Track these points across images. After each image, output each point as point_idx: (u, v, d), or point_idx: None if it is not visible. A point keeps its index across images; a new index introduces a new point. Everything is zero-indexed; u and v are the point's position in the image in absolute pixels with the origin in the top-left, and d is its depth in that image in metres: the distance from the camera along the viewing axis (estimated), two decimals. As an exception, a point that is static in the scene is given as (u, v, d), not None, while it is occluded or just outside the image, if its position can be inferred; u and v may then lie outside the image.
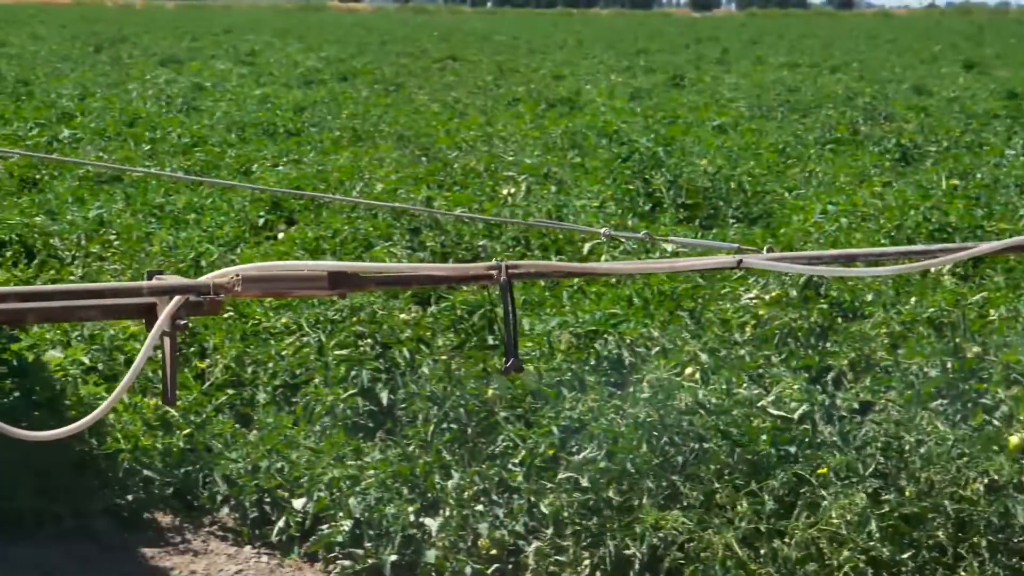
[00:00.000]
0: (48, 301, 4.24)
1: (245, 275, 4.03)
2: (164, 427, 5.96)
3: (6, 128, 15.70)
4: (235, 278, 4.03)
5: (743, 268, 4.49)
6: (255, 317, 7.23)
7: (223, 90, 22.10)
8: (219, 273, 4.03)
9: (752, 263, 4.32)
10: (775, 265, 4.53)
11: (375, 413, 6.23)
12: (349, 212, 9.83)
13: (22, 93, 20.70)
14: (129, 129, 15.80)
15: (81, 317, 4.63)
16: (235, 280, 4.03)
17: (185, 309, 3.97)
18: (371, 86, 24.38)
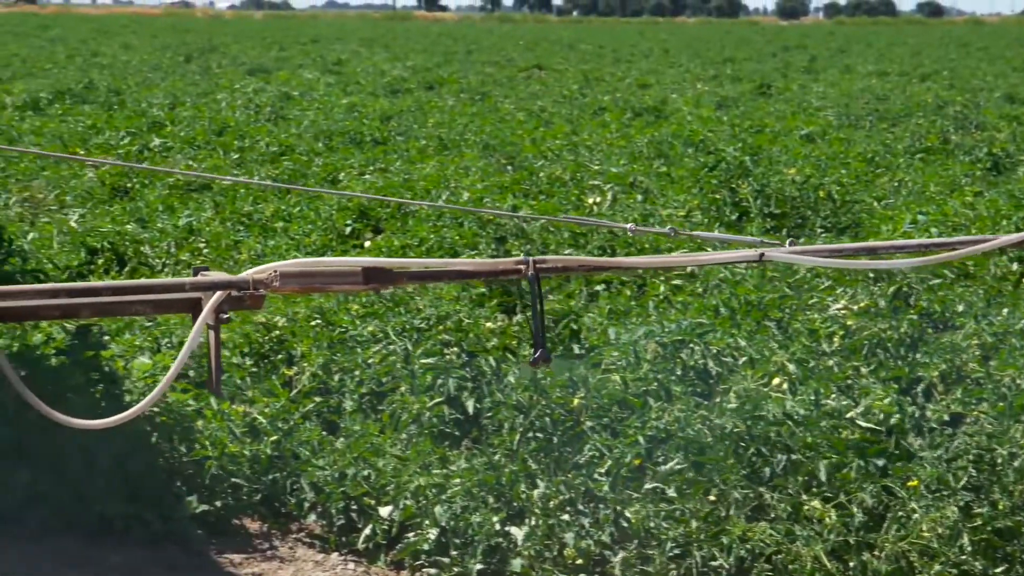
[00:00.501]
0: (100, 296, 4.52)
1: (283, 271, 4.17)
2: (252, 434, 6.00)
3: (98, 137, 15.92)
4: (273, 274, 4.18)
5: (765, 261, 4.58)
6: (342, 325, 7.26)
7: (310, 99, 22.26)
8: (258, 269, 4.18)
9: (774, 256, 4.40)
10: (796, 258, 4.61)
11: (461, 421, 6.24)
12: (435, 220, 9.86)
13: (114, 102, 20.97)
14: (218, 138, 15.96)
15: (132, 312, 4.76)
16: (273, 276, 4.18)
17: (228, 303, 4.16)
18: (457, 95, 24.46)
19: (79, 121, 17.55)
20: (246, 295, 4.20)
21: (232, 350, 6.95)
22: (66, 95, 21.52)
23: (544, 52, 46.29)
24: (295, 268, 4.25)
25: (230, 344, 7.00)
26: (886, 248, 4.78)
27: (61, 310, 4.60)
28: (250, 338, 7.15)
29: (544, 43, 55.87)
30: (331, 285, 4.54)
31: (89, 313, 4.87)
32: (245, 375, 6.66)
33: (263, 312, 7.47)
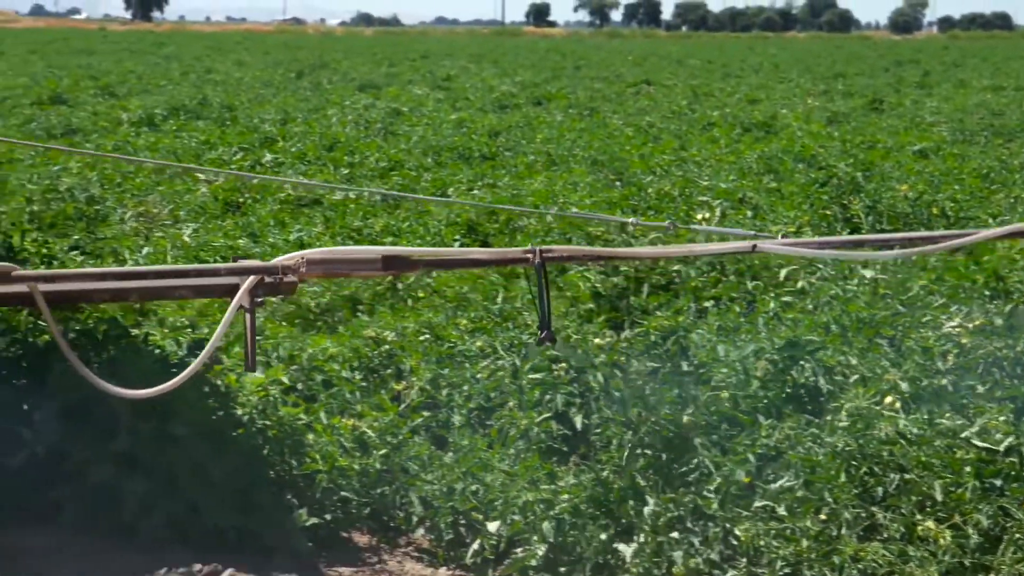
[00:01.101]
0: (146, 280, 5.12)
1: (309, 258, 4.59)
2: (361, 448, 6.03)
3: (212, 152, 16.14)
4: (300, 260, 4.58)
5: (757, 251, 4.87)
6: (451, 340, 7.28)
7: (420, 115, 22.40)
8: (287, 257, 4.56)
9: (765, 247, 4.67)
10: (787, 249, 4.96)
11: (569, 437, 6.23)
12: (543, 235, 9.87)
13: (227, 118, 21.25)
14: (328, 153, 16.11)
15: (175, 296, 5.26)
16: (300, 262, 4.57)
17: (262, 289, 4.55)
18: (565, 110, 24.47)
19: (193, 137, 17.81)
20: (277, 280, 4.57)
21: (342, 364, 6.99)
22: (180, 111, 21.84)
23: (653, 67, 46.19)
24: (320, 255, 4.62)
25: (340, 358, 7.04)
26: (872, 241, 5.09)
27: (111, 293, 5.14)
28: (359, 352, 7.19)
29: (653, 58, 55.75)
30: (353, 271, 4.98)
31: (136, 296, 5.39)
32: (355, 389, 6.70)
33: (372, 326, 7.52)
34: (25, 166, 14.13)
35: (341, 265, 4.93)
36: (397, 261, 4.73)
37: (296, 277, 4.75)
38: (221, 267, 5.04)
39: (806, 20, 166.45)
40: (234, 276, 4.66)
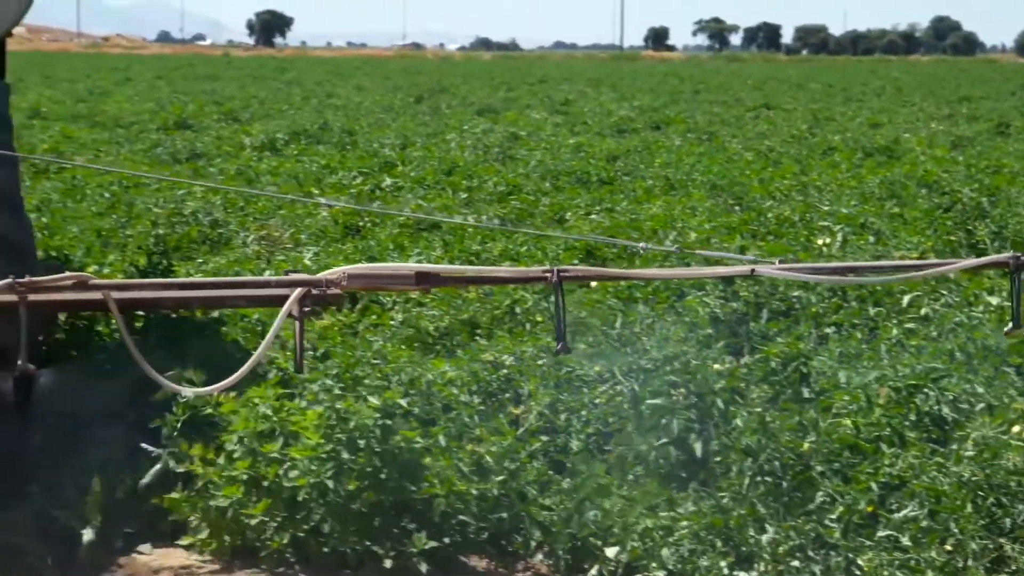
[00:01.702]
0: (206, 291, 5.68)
1: (350, 272, 5.07)
2: (479, 472, 6.03)
3: (332, 177, 16.30)
4: (342, 275, 5.05)
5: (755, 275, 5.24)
6: (569, 364, 7.27)
7: (538, 139, 22.45)
8: (331, 271, 5.05)
9: (763, 271, 5.07)
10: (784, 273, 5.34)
11: (688, 463, 6.18)
12: (662, 261, 9.82)
13: (347, 143, 21.46)
14: (447, 178, 16.19)
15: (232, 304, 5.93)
16: (342, 276, 5.04)
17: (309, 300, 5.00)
18: (684, 135, 24.39)
19: (314, 161, 18.01)
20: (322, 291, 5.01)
21: (460, 388, 7.01)
22: (302, 136, 22.10)
23: (772, 91, 45.91)
24: (360, 271, 5.14)
25: (458, 382, 7.06)
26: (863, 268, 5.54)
27: (175, 301, 5.86)
28: (478, 376, 7.20)
29: (772, 82, 55.42)
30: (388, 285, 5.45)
31: (198, 304, 6.22)
32: (473, 413, 6.71)
33: (490, 350, 7.53)
34: (151, 190, 14.39)
35: (378, 280, 5.37)
36: (428, 277, 5.17)
37: (338, 289, 5.14)
38: (272, 279, 5.63)
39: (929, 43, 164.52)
40: (284, 288, 5.09)
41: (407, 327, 8.56)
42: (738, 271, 5.69)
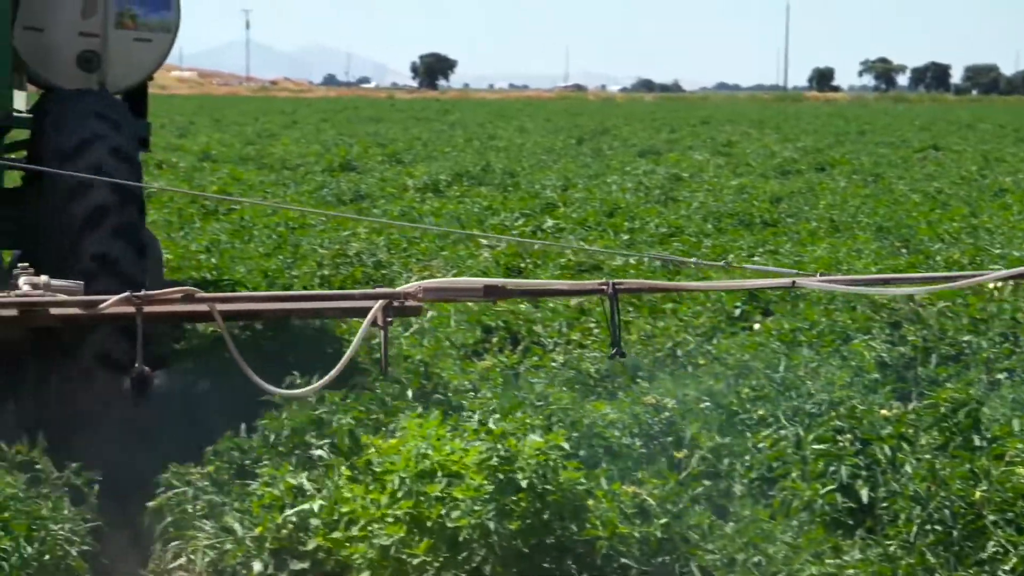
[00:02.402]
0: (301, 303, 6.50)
1: (425, 286, 5.85)
2: (642, 515, 5.98)
3: (494, 218, 16.39)
4: (419, 288, 5.84)
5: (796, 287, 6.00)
6: (732, 408, 7.19)
7: (700, 180, 22.35)
8: (409, 285, 5.86)
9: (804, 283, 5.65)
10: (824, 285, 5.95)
11: (854, 510, 6.06)
12: (827, 303, 9.69)
13: (509, 184, 21.58)
14: (609, 219, 16.18)
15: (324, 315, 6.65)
16: (419, 290, 5.82)
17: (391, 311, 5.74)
18: (849, 176, 24.09)
19: (476, 202, 18.13)
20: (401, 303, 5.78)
21: (622, 430, 6.97)
22: (464, 177, 22.28)
23: (941, 132, 45.19)
24: (434, 284, 5.98)
25: (620, 424, 7.01)
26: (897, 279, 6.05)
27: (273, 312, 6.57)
28: (640, 419, 7.16)
29: (941, 123, 54.55)
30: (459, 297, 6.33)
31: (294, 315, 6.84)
32: (635, 455, 6.66)
33: (652, 392, 7.47)
34: (317, 231, 14.61)
35: (450, 292, 6.18)
36: (495, 290, 5.87)
37: (415, 302, 5.89)
38: (358, 293, 6.48)
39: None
40: (369, 300, 5.81)
41: (569, 368, 8.54)
42: (779, 283, 6.46)
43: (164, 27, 8.47)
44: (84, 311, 5.82)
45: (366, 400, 6.61)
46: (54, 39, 8.29)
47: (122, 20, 8.33)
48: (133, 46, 8.39)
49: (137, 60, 8.49)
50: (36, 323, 5.99)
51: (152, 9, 8.42)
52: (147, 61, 8.53)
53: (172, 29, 8.55)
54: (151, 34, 8.42)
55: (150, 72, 8.71)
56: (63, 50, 8.27)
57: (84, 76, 8.26)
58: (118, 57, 8.38)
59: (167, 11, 8.43)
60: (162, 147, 31.39)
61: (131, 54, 8.43)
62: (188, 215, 16.52)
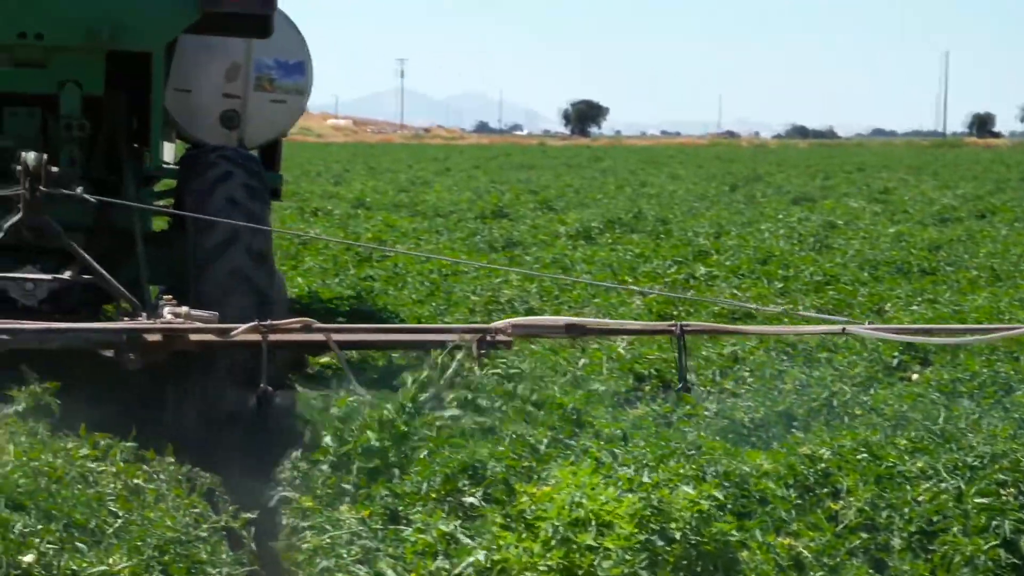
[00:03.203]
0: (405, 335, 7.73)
1: (514, 323, 6.92)
2: (797, 568, 5.89)
3: (646, 265, 16.34)
4: (508, 325, 6.85)
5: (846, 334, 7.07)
6: (889, 460, 7.05)
7: (855, 228, 22.07)
8: (500, 322, 6.87)
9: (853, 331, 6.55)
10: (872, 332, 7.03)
11: (1018, 566, 5.90)
12: (988, 354, 9.48)
13: (661, 231, 21.51)
14: (762, 267, 16.04)
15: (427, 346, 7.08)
16: (508, 326, 6.82)
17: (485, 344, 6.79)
18: (1011, 223, 23.60)
19: (628, 250, 18.10)
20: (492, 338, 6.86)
21: (776, 481, 6.87)
22: (616, 224, 22.26)
23: (1105, 178, 44.12)
24: (522, 322, 7.07)
25: (774, 475, 6.92)
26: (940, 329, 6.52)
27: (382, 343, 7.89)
28: (794, 469, 7.05)
29: (1104, 168, 53.28)
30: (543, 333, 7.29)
31: (399, 346, 8.01)
32: (789, 507, 6.56)
33: (807, 442, 7.37)
34: (469, 279, 14.69)
35: (535, 328, 7.24)
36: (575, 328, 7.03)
37: (505, 336, 6.88)
38: (455, 327, 7.59)
39: None
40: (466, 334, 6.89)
41: (721, 418, 8.45)
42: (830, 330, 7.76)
43: (298, 90, 9.59)
44: (218, 337, 6.85)
45: (519, 448, 6.61)
46: (200, 100, 9.36)
47: (261, 83, 9.44)
48: (269, 107, 9.50)
49: (272, 119, 9.59)
50: (177, 347, 6.95)
51: (287, 74, 9.50)
52: (282, 120, 9.66)
53: (305, 92, 9.63)
54: (286, 96, 9.54)
55: (284, 130, 9.79)
56: (208, 109, 9.35)
57: (225, 133, 9.34)
58: (256, 116, 9.45)
59: (300, 76, 9.53)
60: (318, 195, 31.89)
61: (267, 114, 9.52)
62: (343, 262, 16.73)
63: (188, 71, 9.25)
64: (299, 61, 9.61)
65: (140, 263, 8.19)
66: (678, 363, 6.83)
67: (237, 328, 6.78)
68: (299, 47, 9.64)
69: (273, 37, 8.86)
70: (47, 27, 8.12)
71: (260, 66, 9.45)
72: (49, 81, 8.29)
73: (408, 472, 6.49)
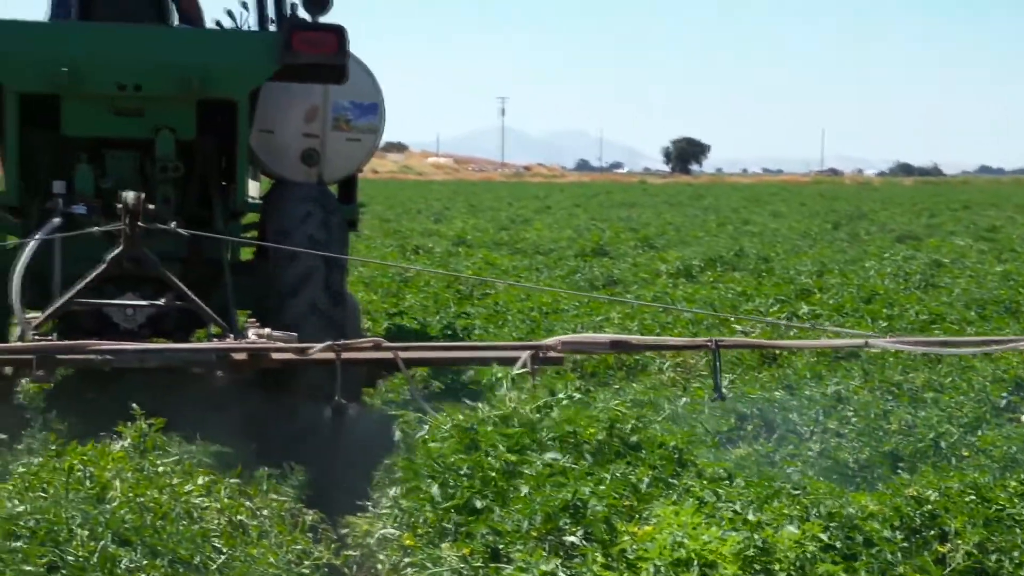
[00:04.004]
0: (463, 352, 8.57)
1: (563, 340, 7.67)
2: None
3: (748, 304, 16.23)
4: (558, 342, 7.62)
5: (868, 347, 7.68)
6: (999, 503, 6.93)
7: (962, 266, 21.78)
8: (551, 339, 7.68)
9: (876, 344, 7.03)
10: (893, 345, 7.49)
11: None
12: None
13: (763, 270, 21.37)
14: (866, 306, 15.86)
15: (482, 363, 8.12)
16: (558, 343, 7.61)
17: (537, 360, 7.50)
18: (1119, 262, 23.18)
19: (729, 288, 17.99)
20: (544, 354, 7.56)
21: (882, 523, 6.77)
22: (717, 262, 22.15)
23: None
24: (570, 339, 7.77)
25: (880, 517, 6.82)
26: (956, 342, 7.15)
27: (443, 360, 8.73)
28: (901, 511, 6.95)
29: None
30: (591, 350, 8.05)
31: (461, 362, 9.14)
32: (895, 550, 6.46)
33: (913, 484, 7.27)
34: (569, 316, 14.68)
35: (583, 345, 7.96)
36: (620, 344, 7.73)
37: (555, 353, 7.60)
38: (510, 344, 8.57)
39: None
40: (520, 351, 7.61)
41: (825, 458, 8.37)
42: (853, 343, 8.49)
43: (371, 129, 10.27)
44: (297, 356, 7.63)
45: (620, 486, 6.57)
46: (282, 140, 10.16)
47: (338, 123, 10.18)
48: (346, 145, 10.22)
49: (349, 156, 10.31)
50: (260, 365, 7.71)
51: (362, 114, 10.23)
52: (357, 157, 10.37)
53: (377, 131, 10.33)
54: (360, 135, 10.25)
55: (359, 166, 10.56)
56: (289, 148, 10.14)
57: (306, 170, 10.11)
58: (334, 154, 10.21)
59: (374, 116, 10.25)
60: (418, 232, 32.08)
61: (344, 151, 10.25)
62: (444, 299, 16.80)
63: (271, 114, 10.04)
64: (372, 103, 10.29)
65: (228, 290, 9.02)
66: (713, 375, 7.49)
67: (314, 347, 7.52)
68: (372, 90, 10.31)
69: (349, 81, 9.57)
70: (144, 79, 9.01)
71: (337, 108, 10.21)
72: (146, 127, 9.16)
73: (509, 510, 6.48)
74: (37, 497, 5.85)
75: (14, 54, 8.90)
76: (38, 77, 8.86)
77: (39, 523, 5.47)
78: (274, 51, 9.09)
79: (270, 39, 9.26)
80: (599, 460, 7.05)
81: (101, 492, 6.01)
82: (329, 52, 9.04)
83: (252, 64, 9.16)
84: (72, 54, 8.91)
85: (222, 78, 9.08)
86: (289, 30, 9.10)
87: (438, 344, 9.93)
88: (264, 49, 9.16)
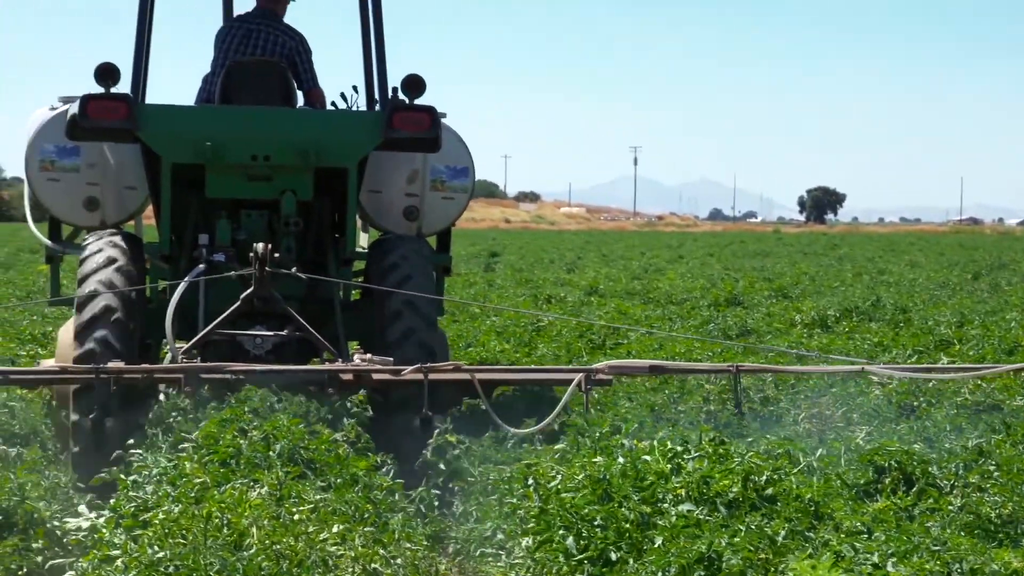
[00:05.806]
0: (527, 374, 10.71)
1: (610, 365, 9.44)
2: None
3: (885, 355, 15.99)
4: (605, 366, 9.39)
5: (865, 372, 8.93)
6: None
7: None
8: (600, 364, 9.51)
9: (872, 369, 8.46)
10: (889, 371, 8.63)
11: None
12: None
13: (900, 320, 21.05)
14: (1008, 357, 15.55)
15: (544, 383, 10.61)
16: (605, 367, 9.37)
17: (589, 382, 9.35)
18: None
19: (865, 339, 17.73)
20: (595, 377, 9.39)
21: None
22: (853, 312, 21.86)
23: None
24: (615, 364, 9.52)
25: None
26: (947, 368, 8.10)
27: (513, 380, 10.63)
28: None
29: None
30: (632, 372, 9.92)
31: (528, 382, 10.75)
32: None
33: None
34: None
35: (626, 369, 9.70)
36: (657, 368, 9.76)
37: (604, 375, 9.38)
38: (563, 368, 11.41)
39: None
40: (572, 374, 9.53)
41: (967, 513, 8.19)
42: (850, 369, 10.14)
43: (463, 189, 11.93)
44: (392, 376, 9.47)
45: (756, 539, 6.50)
46: (388, 198, 11.91)
47: (435, 185, 11.87)
48: (441, 203, 11.89)
49: (444, 212, 11.96)
50: (364, 384, 9.42)
51: (455, 176, 11.90)
52: (451, 213, 12.00)
53: (468, 190, 12.02)
54: (454, 194, 11.92)
55: (453, 221, 12.12)
56: (393, 205, 11.88)
57: (407, 224, 11.84)
58: (431, 211, 11.90)
59: (465, 178, 11.92)
60: (551, 281, 32.14)
61: (440, 208, 11.92)
62: (576, 348, 16.78)
63: (378, 176, 11.75)
64: (464, 166, 11.92)
65: (339, 324, 10.63)
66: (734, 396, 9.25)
67: (405, 369, 9.39)
68: (464, 155, 11.94)
69: (444, 148, 11.22)
70: (272, 151, 10.77)
71: (434, 171, 11.88)
72: (274, 190, 10.87)
73: (643, 561, 6.44)
74: (177, 544, 5.94)
75: (169, 132, 10.64)
76: (188, 151, 10.59)
77: (179, 569, 5.55)
78: (378, 128, 10.72)
79: (375, 118, 10.86)
80: (734, 512, 6.99)
81: (239, 539, 6.09)
82: (423, 129, 10.64)
83: (359, 139, 10.86)
84: (215, 131, 10.66)
85: (335, 150, 10.79)
86: (391, 110, 10.67)
87: (509, 367, 12.94)
88: (370, 127, 10.82)
